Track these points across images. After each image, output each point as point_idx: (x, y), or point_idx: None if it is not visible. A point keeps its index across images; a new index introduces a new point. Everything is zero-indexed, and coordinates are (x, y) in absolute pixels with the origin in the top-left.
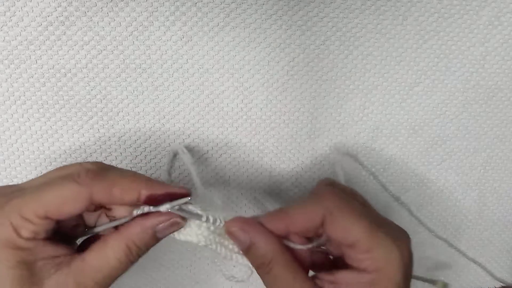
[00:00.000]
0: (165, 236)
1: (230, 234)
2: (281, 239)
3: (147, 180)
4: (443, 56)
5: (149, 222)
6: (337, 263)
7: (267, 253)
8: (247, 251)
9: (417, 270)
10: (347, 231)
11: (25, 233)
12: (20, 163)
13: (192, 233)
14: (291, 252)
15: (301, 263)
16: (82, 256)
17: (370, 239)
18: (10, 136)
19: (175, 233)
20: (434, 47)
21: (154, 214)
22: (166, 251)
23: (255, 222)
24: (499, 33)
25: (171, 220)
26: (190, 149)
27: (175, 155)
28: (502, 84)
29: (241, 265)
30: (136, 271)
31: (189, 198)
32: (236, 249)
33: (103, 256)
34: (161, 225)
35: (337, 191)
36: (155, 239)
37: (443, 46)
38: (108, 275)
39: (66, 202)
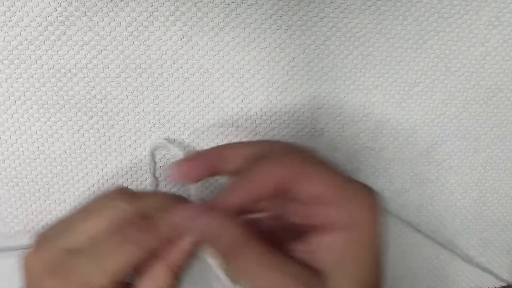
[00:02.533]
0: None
1: (178, 228)
2: (238, 216)
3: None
4: (443, 56)
5: (186, 245)
6: (304, 232)
7: (231, 237)
8: (210, 241)
9: (418, 269)
10: (315, 185)
11: None
12: (20, 163)
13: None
14: (257, 227)
15: (273, 237)
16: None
17: (340, 189)
18: (10, 136)
19: None
20: (434, 47)
21: (186, 237)
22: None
23: (209, 206)
24: (499, 33)
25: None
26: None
27: (154, 150)
28: (502, 84)
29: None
30: None
31: None
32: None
33: (154, 285)
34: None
35: (295, 146)
36: (190, 255)
37: (443, 46)
38: None
39: (128, 267)
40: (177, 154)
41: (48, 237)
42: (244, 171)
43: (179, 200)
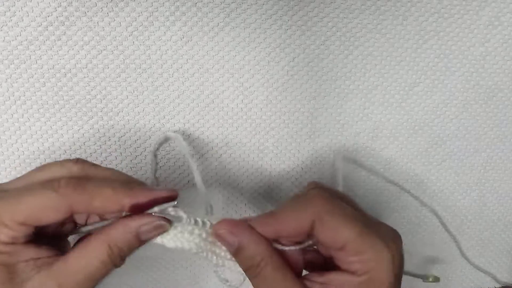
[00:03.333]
0: (149, 239)
1: (218, 237)
2: (270, 241)
3: (130, 190)
4: (443, 56)
5: (132, 223)
6: (329, 264)
7: (256, 255)
8: (236, 253)
9: (419, 269)
10: (336, 234)
11: (4, 238)
12: (20, 163)
13: (183, 239)
14: (281, 254)
15: (292, 266)
16: (65, 257)
17: (360, 242)
18: (10, 136)
19: (165, 241)
20: (434, 47)
21: (138, 216)
22: (166, 251)
23: (244, 224)
24: (499, 33)
25: (155, 223)
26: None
27: (165, 140)
28: (502, 84)
29: (234, 272)
30: (136, 271)
31: (175, 203)
32: (228, 256)
33: (85, 257)
34: (144, 227)
35: (326, 194)
36: (139, 241)
37: (443, 46)
38: (90, 276)
39: (44, 211)
40: (184, 149)
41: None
42: (273, 212)
43: (133, 181)
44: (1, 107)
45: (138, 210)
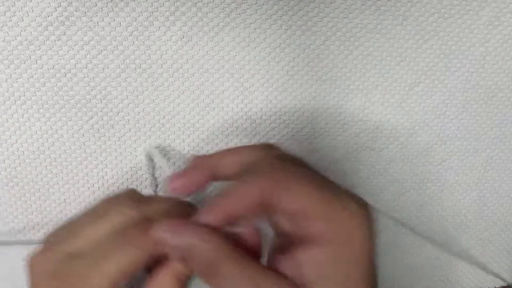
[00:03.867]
0: None
1: (159, 241)
2: (220, 230)
3: (193, 216)
4: (443, 56)
5: None
6: (295, 243)
7: (208, 254)
8: (185, 258)
9: (418, 269)
10: (295, 198)
11: None
12: (20, 163)
13: None
14: (238, 244)
15: (254, 250)
16: None
17: (325, 204)
18: (10, 136)
19: None
20: (434, 47)
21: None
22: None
23: (187, 222)
24: (499, 33)
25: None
26: (168, 151)
27: (150, 158)
28: (502, 84)
29: None
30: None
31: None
32: None
33: None
34: None
35: (275, 159)
36: None
37: (443, 46)
38: None
39: (130, 270)
40: (163, 165)
41: (54, 239)
42: (221, 192)
43: (187, 206)
44: (1, 107)
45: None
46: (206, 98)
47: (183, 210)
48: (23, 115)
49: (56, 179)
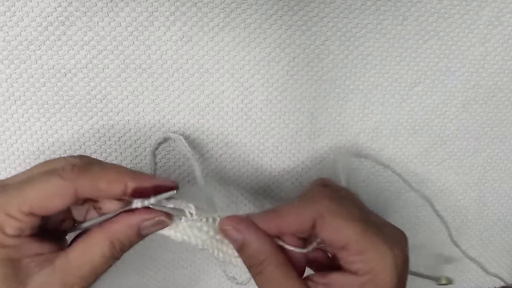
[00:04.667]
0: (149, 234)
1: (223, 232)
2: (274, 239)
3: (133, 173)
4: (443, 56)
5: (134, 219)
6: (334, 263)
7: (259, 253)
8: (240, 250)
9: (419, 269)
10: (338, 233)
11: (10, 230)
12: (20, 163)
13: (191, 234)
14: (285, 252)
15: (295, 264)
16: (66, 253)
17: (362, 241)
18: (10, 136)
19: (172, 233)
20: (434, 47)
21: (139, 211)
22: (166, 251)
23: (248, 221)
24: (499, 33)
25: (157, 218)
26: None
27: (165, 140)
28: (502, 84)
29: (241, 268)
30: (136, 271)
31: (175, 192)
32: (235, 254)
33: (87, 252)
34: (146, 223)
35: (330, 192)
36: (140, 236)
37: (443, 46)
38: (92, 271)
39: (50, 198)
40: (183, 149)
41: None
42: (276, 209)
43: (135, 174)
44: (1, 107)
45: (140, 195)
46: (206, 98)
47: (125, 173)
48: (23, 115)
49: None
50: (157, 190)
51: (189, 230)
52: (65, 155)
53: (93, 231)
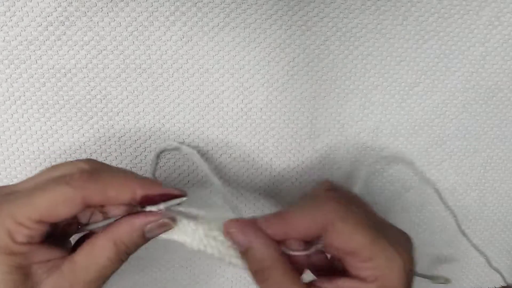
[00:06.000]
0: (154, 237)
1: (229, 235)
2: (278, 244)
3: (142, 180)
4: (443, 56)
5: (138, 221)
6: (336, 266)
7: (265, 259)
8: (245, 254)
9: (418, 269)
10: (348, 240)
11: (20, 238)
12: (20, 163)
13: (189, 235)
14: (288, 256)
15: (298, 267)
16: (72, 258)
17: (371, 248)
18: (10, 136)
19: (188, 242)
20: (434, 47)
21: (143, 214)
22: (166, 251)
23: (255, 225)
24: (499, 33)
25: (161, 221)
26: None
27: (160, 152)
28: (502, 84)
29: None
30: (136, 271)
31: (185, 199)
32: (235, 254)
33: (92, 256)
34: (150, 225)
35: (338, 197)
36: (144, 238)
37: (443, 46)
38: (99, 274)
39: (60, 206)
40: (191, 152)
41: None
42: (283, 212)
43: (144, 181)
44: (1, 107)
45: (148, 202)
46: (206, 98)
47: (135, 175)
48: (23, 115)
49: None
50: (166, 198)
51: (205, 240)
52: (71, 159)
53: (98, 234)
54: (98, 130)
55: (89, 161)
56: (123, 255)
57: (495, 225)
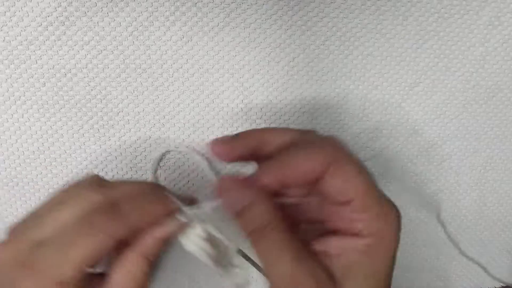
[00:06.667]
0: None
1: (223, 192)
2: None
3: (159, 200)
4: (443, 56)
5: (159, 234)
6: (327, 229)
7: (263, 216)
8: (241, 213)
9: (418, 270)
10: (346, 184)
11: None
12: (20, 163)
13: (190, 242)
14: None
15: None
16: (109, 283)
17: (367, 197)
18: (10, 136)
19: (188, 244)
20: (434, 47)
21: (160, 224)
22: (166, 252)
23: (250, 181)
24: (499, 33)
25: (179, 225)
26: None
27: (163, 154)
28: (502, 84)
29: (238, 277)
30: None
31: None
32: (234, 263)
33: (128, 276)
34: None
35: (335, 141)
36: (164, 244)
37: (443, 46)
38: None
39: (95, 255)
40: (195, 158)
41: (18, 229)
42: (281, 155)
43: (154, 188)
44: (1, 107)
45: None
46: (206, 98)
47: (151, 193)
48: (23, 115)
49: (56, 179)
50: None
51: (191, 238)
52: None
53: (126, 253)
54: (98, 130)
55: (93, 187)
56: (153, 263)
57: (495, 225)
